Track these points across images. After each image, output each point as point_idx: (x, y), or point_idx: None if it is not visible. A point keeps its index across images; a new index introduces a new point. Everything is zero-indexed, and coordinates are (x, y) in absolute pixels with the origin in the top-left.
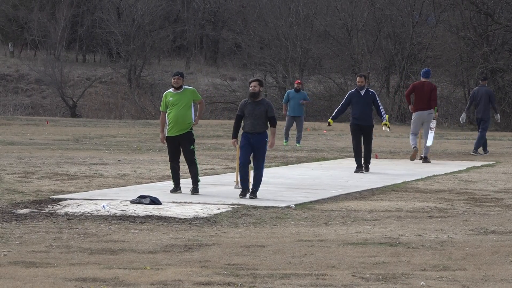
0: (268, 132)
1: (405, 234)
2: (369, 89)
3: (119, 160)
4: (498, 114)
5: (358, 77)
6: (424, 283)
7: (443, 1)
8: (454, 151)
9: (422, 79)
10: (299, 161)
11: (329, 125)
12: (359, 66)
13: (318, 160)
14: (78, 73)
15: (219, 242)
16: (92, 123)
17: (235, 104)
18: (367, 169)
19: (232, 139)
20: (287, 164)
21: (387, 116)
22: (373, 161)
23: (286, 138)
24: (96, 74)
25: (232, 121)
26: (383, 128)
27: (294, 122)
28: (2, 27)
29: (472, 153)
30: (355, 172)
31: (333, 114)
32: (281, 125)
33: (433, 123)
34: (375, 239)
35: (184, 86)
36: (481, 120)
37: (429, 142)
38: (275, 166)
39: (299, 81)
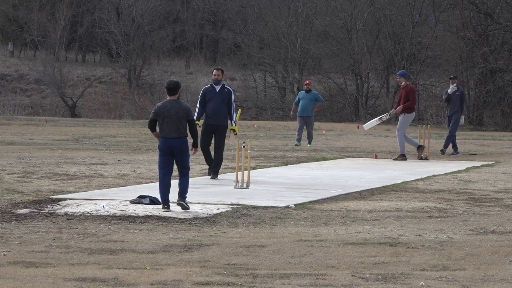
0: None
1: (404, 234)
2: (226, 86)
3: (118, 160)
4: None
5: (214, 70)
6: (423, 283)
7: (443, 1)
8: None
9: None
10: (298, 161)
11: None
12: (359, 66)
13: (317, 160)
14: (77, 73)
15: (218, 242)
16: (91, 123)
17: (235, 104)
18: (215, 175)
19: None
20: (287, 164)
21: (235, 128)
22: (372, 161)
23: (298, 140)
24: (96, 74)
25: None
26: (227, 133)
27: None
28: (1, 27)
29: (454, 153)
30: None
31: (195, 115)
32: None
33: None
34: (374, 239)
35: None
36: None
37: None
38: (275, 166)
39: (308, 82)
